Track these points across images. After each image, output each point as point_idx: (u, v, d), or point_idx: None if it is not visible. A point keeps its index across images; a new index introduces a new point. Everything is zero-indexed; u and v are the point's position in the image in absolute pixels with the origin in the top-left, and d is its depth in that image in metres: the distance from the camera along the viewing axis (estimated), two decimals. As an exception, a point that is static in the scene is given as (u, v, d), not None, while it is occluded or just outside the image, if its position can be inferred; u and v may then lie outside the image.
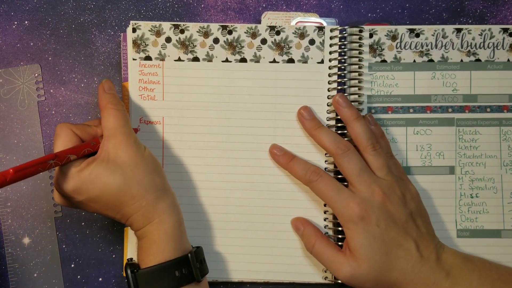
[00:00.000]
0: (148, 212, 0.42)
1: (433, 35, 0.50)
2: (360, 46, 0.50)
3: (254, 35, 0.50)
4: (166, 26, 0.50)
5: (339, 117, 0.48)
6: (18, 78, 0.52)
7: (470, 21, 0.53)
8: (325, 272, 0.49)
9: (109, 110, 0.44)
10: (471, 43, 0.50)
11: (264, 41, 0.50)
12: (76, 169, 0.42)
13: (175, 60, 0.50)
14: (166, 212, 0.43)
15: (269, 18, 0.52)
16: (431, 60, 0.50)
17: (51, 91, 0.53)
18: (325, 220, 0.49)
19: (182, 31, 0.50)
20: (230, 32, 0.50)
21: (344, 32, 0.50)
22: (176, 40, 0.50)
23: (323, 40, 0.50)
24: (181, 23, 0.50)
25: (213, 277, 0.50)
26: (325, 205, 0.49)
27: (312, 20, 0.51)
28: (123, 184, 0.42)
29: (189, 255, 0.43)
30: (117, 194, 0.42)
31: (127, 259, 0.45)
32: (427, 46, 0.50)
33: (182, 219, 0.45)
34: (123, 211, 0.43)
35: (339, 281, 0.47)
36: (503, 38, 0.50)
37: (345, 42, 0.50)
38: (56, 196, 0.44)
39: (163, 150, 0.50)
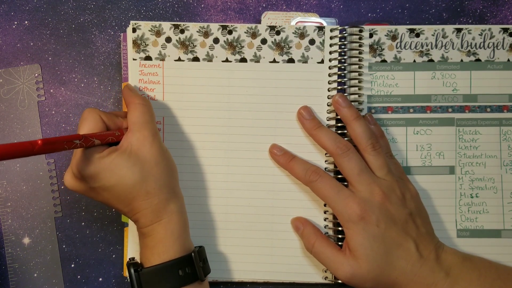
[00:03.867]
0: (158, 211, 0.42)
1: (433, 35, 0.50)
2: (360, 46, 0.50)
3: (254, 35, 0.50)
4: (166, 26, 0.50)
5: (339, 117, 0.48)
6: (18, 78, 0.52)
7: (470, 21, 0.53)
8: (325, 272, 0.49)
9: (136, 105, 0.44)
10: (471, 43, 0.50)
11: (264, 41, 0.50)
12: (98, 155, 0.42)
13: (175, 60, 0.50)
14: (175, 213, 0.43)
15: (269, 18, 0.52)
16: (431, 60, 0.50)
17: (51, 91, 0.53)
18: (325, 220, 0.49)
19: (182, 31, 0.50)
20: (230, 32, 0.50)
21: (344, 32, 0.50)
22: (176, 40, 0.50)
23: (323, 40, 0.50)
24: (181, 23, 0.50)
25: (213, 277, 0.50)
26: (325, 205, 0.49)
27: (312, 20, 0.51)
28: (141, 179, 0.42)
29: (193, 254, 0.43)
30: (132, 187, 0.42)
31: (129, 258, 0.45)
32: (427, 46, 0.50)
33: (187, 222, 0.45)
34: (133, 205, 0.42)
35: (339, 281, 0.48)
36: (503, 38, 0.50)
37: (345, 42, 0.50)
38: (69, 179, 0.43)
39: (163, 150, 0.50)
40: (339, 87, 0.49)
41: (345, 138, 0.48)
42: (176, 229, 0.43)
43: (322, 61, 0.50)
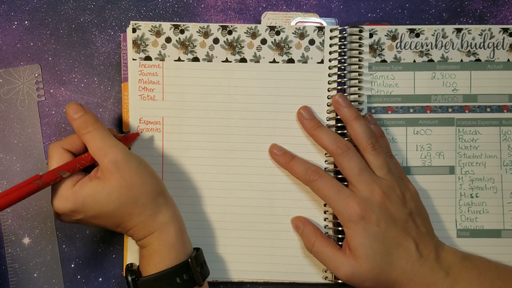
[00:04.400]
0: (148, 226, 0.42)
1: (433, 35, 0.50)
2: (360, 46, 0.50)
3: (254, 35, 0.50)
4: (166, 26, 0.50)
5: (339, 117, 0.48)
6: (18, 78, 0.52)
7: (470, 21, 0.53)
8: (325, 272, 0.49)
9: (85, 136, 0.42)
10: (471, 43, 0.50)
11: (264, 41, 0.50)
12: (71, 191, 0.41)
13: (175, 60, 0.50)
14: (166, 224, 0.43)
15: (269, 18, 0.52)
16: (431, 60, 0.50)
17: (51, 91, 0.53)
18: (325, 220, 0.49)
19: (182, 31, 0.50)
20: (230, 32, 0.50)
21: (344, 32, 0.50)
22: (176, 40, 0.50)
23: (323, 40, 0.50)
24: (181, 23, 0.50)
25: (213, 277, 0.50)
26: (325, 205, 0.49)
27: (312, 20, 0.51)
28: (120, 206, 0.41)
29: (189, 260, 0.43)
30: (114, 213, 0.42)
31: (127, 265, 0.45)
32: (427, 46, 0.50)
33: (183, 227, 0.45)
34: (122, 226, 0.43)
35: (339, 281, 0.48)
36: (503, 38, 0.50)
37: (345, 42, 0.50)
38: (55, 214, 0.44)
39: (163, 150, 0.50)
40: (339, 87, 0.49)
41: (345, 138, 0.48)
42: (170, 238, 0.43)
43: (322, 61, 0.50)
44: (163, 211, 0.43)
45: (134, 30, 0.50)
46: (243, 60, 0.50)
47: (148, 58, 0.50)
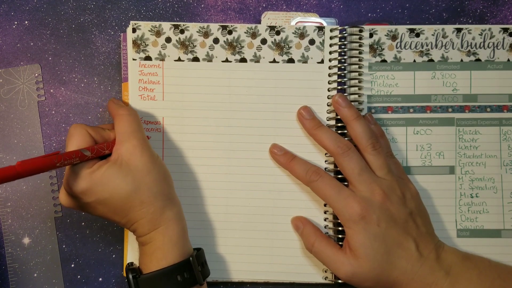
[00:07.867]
0: (155, 219, 0.42)
1: (433, 35, 0.50)
2: (360, 46, 0.50)
3: (254, 35, 0.50)
4: (166, 26, 0.50)
5: (339, 117, 0.48)
6: (18, 78, 0.52)
7: (470, 21, 0.53)
8: (325, 272, 0.49)
9: (122, 116, 0.44)
10: (471, 43, 0.50)
11: (264, 41, 0.50)
12: (88, 171, 0.41)
13: (175, 60, 0.50)
14: (172, 220, 0.43)
15: (269, 18, 0.52)
16: (431, 60, 0.50)
17: (51, 91, 0.53)
18: (325, 220, 0.49)
19: (182, 31, 0.50)
20: (230, 32, 0.50)
21: (344, 32, 0.50)
22: (176, 40, 0.50)
23: (323, 40, 0.50)
24: (181, 23, 0.50)
25: (213, 277, 0.50)
26: (325, 205, 0.49)
27: (312, 20, 0.51)
28: (134, 189, 0.42)
29: (191, 259, 0.43)
30: (126, 198, 0.42)
31: (128, 264, 0.45)
32: (427, 46, 0.50)
33: (186, 227, 0.45)
34: (129, 216, 0.43)
35: (339, 281, 0.48)
36: (503, 38, 0.50)
37: (345, 42, 0.50)
38: (63, 197, 0.43)
39: (163, 150, 0.50)
40: (339, 87, 0.49)
41: (345, 138, 0.48)
42: (174, 235, 0.43)
43: (322, 61, 0.50)
44: (170, 207, 0.43)
45: (134, 30, 0.50)
46: (243, 60, 0.50)
47: (148, 58, 0.50)
